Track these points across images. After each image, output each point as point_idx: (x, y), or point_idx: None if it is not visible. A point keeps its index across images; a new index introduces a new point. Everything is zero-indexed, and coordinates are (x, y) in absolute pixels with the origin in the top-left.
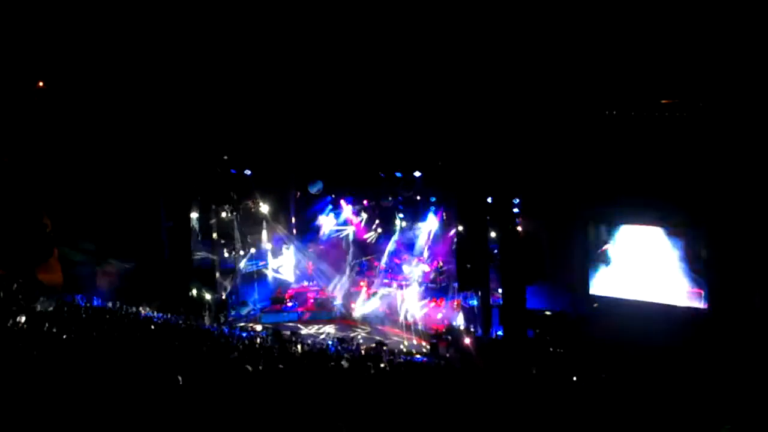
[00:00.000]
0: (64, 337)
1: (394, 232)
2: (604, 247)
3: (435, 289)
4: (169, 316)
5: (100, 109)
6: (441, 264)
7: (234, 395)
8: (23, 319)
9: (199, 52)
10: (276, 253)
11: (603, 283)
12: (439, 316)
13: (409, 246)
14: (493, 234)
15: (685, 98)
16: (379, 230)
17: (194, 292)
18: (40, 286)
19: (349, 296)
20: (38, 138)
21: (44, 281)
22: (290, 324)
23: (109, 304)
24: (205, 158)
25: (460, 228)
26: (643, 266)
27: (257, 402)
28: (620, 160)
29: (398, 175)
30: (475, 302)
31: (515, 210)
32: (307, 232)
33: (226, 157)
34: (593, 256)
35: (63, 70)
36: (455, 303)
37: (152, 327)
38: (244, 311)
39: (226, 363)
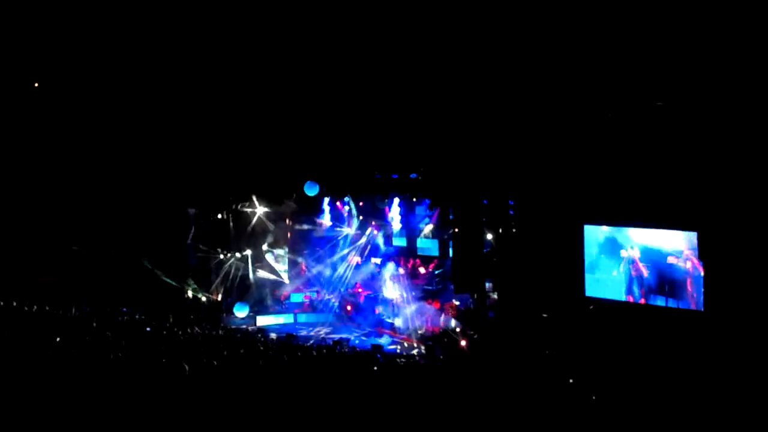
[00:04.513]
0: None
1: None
2: (601, 249)
3: (430, 291)
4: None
5: (95, 110)
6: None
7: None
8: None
9: (191, 51)
10: (271, 254)
11: (598, 286)
12: (440, 318)
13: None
14: (489, 236)
15: (681, 99)
16: (375, 231)
17: (189, 294)
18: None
19: (346, 298)
20: (35, 136)
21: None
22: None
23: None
24: (202, 160)
25: (456, 230)
26: (638, 268)
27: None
28: (616, 161)
29: (394, 176)
30: (470, 304)
31: (510, 212)
32: (303, 234)
33: (222, 159)
34: (589, 258)
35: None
36: (451, 305)
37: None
38: (240, 313)
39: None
